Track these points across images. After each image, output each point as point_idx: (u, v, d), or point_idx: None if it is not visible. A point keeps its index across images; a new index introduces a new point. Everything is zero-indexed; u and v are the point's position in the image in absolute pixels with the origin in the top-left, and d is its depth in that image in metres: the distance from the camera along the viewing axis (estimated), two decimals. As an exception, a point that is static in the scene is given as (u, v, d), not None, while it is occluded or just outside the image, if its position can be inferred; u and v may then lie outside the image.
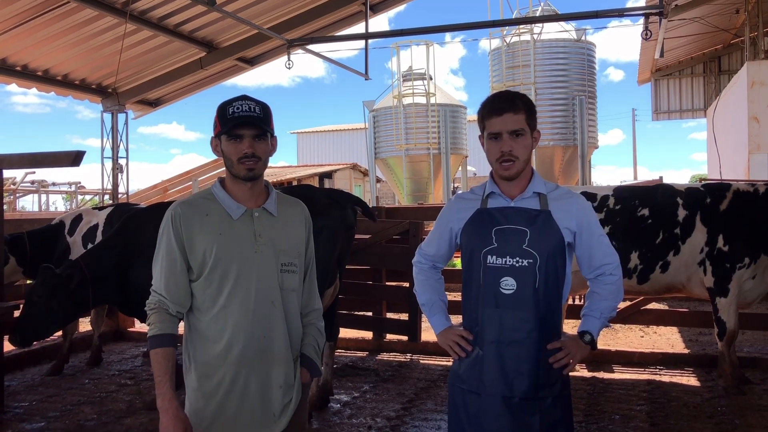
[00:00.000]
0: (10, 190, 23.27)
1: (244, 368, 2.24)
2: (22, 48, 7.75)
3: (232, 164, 2.26)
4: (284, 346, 2.32)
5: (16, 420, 5.03)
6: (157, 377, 2.19)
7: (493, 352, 2.36)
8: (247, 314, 2.24)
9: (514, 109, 2.35)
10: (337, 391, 5.59)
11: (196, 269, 2.26)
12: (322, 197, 4.82)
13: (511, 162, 2.36)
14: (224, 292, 2.24)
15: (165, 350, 2.21)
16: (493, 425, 2.35)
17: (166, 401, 2.16)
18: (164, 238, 2.27)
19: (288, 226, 2.38)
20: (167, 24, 8.02)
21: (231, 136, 2.23)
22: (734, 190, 5.35)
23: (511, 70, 18.65)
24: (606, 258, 2.45)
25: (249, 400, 2.25)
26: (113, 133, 9.28)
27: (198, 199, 2.32)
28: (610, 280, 2.46)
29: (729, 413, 4.81)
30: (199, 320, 2.28)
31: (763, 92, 12.07)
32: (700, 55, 21.51)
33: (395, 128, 20.50)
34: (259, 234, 2.29)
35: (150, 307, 2.27)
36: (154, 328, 2.23)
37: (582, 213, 2.43)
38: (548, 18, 14.37)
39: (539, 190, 2.42)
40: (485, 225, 2.41)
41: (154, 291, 2.28)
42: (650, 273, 5.37)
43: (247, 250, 2.27)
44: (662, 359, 6.29)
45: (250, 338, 2.24)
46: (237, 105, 2.23)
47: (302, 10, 8.87)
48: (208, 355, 2.25)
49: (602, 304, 2.45)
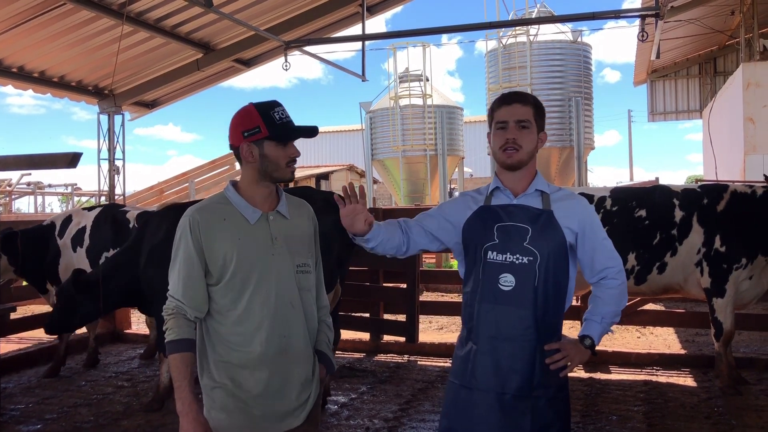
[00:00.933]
0: (5, 192, 23.22)
1: (266, 368, 2.28)
2: (19, 49, 7.72)
3: (277, 168, 2.32)
4: (304, 344, 2.38)
5: (13, 422, 5.01)
6: (177, 381, 2.21)
7: (487, 348, 2.36)
8: (269, 316, 2.29)
9: (522, 101, 2.41)
10: (335, 392, 5.59)
11: (216, 274, 2.28)
12: (318, 200, 4.81)
13: (515, 150, 2.38)
14: (245, 295, 2.28)
15: (183, 355, 2.24)
16: (482, 421, 2.35)
17: (186, 405, 2.19)
18: (182, 244, 2.29)
19: (299, 226, 2.44)
20: (164, 25, 8.00)
21: (282, 141, 2.31)
22: (731, 191, 5.36)
23: (507, 71, 18.66)
24: (609, 261, 2.44)
25: (270, 397, 2.30)
26: (110, 134, 9.25)
27: (214, 205, 2.35)
28: (613, 284, 2.43)
29: (726, 413, 4.83)
30: (219, 323, 2.31)
31: (759, 93, 12.11)
32: (695, 57, 21.58)
33: (392, 129, 20.49)
34: (276, 237, 2.34)
35: (168, 313, 2.28)
36: (173, 333, 2.25)
37: (584, 214, 2.43)
38: (545, 20, 14.39)
39: (542, 188, 2.44)
40: (488, 221, 2.42)
41: (172, 296, 2.30)
42: (647, 274, 5.39)
43: (266, 253, 2.31)
44: (659, 360, 6.30)
45: (272, 339, 2.29)
46: (281, 111, 2.33)
47: (299, 11, 8.87)
48: (229, 356, 2.29)
49: (604, 309, 2.43)
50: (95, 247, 6.14)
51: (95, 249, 6.14)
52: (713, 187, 5.56)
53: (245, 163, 2.34)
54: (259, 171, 2.33)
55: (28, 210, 26.27)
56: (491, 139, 2.46)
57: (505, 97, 2.43)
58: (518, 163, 2.40)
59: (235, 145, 2.34)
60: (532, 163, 2.45)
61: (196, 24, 8.20)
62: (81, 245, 6.20)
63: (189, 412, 2.18)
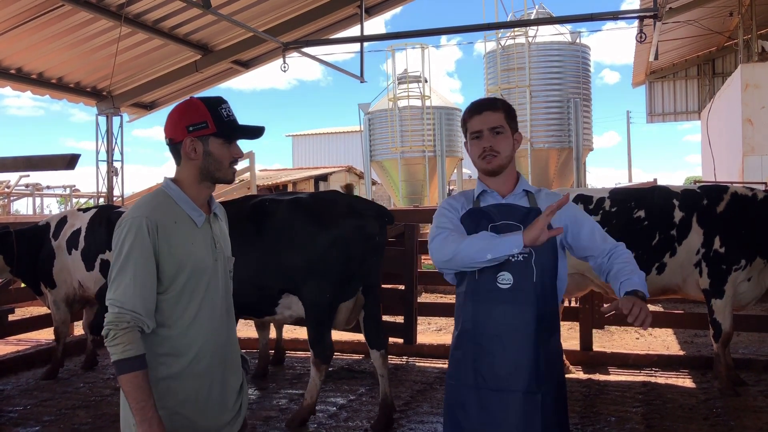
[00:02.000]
0: (4, 194, 23.20)
1: (208, 378, 2.19)
2: (17, 51, 7.72)
3: (220, 167, 2.19)
4: (236, 351, 2.34)
5: (11, 424, 5.00)
6: (141, 402, 2.00)
7: (492, 347, 2.37)
8: (213, 325, 2.20)
9: (492, 108, 2.45)
10: (333, 394, 5.58)
11: (167, 282, 2.11)
12: (342, 205, 4.67)
13: (494, 156, 2.43)
14: (194, 304, 2.15)
15: (145, 372, 2.02)
16: (498, 421, 2.34)
17: (155, 426, 2.00)
18: (136, 248, 2.05)
19: (224, 229, 2.36)
20: (162, 27, 8.01)
21: (229, 140, 2.19)
22: (732, 192, 5.36)
23: (506, 72, 18.70)
24: (608, 241, 2.47)
25: (210, 408, 2.21)
26: (108, 136, 9.26)
27: (162, 205, 2.15)
28: (624, 253, 2.42)
29: (724, 415, 4.82)
30: (165, 335, 2.13)
31: (757, 94, 12.13)
32: (694, 58, 21.60)
33: (390, 131, 20.51)
34: (217, 242, 2.25)
35: (121, 326, 2.01)
36: (131, 349, 2.00)
37: (568, 207, 2.45)
38: (543, 21, 14.40)
39: (528, 188, 2.52)
40: (481, 221, 2.44)
41: (122, 307, 2.03)
42: (647, 274, 5.38)
43: (210, 258, 2.21)
44: (658, 361, 6.29)
45: (215, 349, 2.20)
46: (227, 108, 2.20)
47: (298, 12, 8.89)
48: (171, 369, 2.13)
49: (630, 266, 2.37)
50: (90, 249, 6.07)
51: (90, 251, 6.07)
52: (713, 188, 5.56)
53: (186, 160, 2.17)
54: (200, 169, 2.18)
55: (27, 211, 26.26)
56: (469, 148, 2.51)
57: (475, 106, 2.47)
58: (498, 167, 2.45)
59: (176, 139, 2.17)
60: (512, 165, 2.51)
61: (195, 25, 8.21)
62: (76, 248, 6.11)
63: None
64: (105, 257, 6.00)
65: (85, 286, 6.13)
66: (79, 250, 6.09)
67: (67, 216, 6.43)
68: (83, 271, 6.06)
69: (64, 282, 6.18)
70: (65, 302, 6.25)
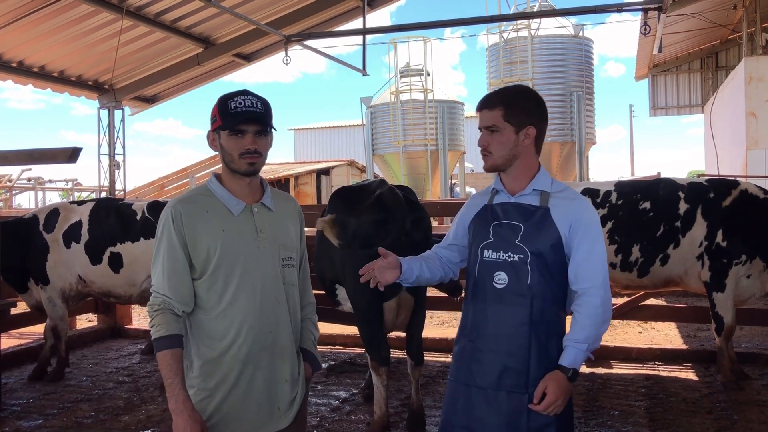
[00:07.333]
0: (6, 187, 23.22)
1: (251, 364, 2.25)
2: (18, 44, 7.70)
3: (232, 159, 2.25)
4: (289, 341, 2.34)
5: (14, 417, 5.01)
6: (168, 379, 2.15)
7: (483, 345, 2.38)
8: (254, 310, 2.25)
9: (489, 106, 2.43)
10: (336, 387, 5.59)
11: (200, 267, 2.23)
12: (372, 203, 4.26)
13: (486, 155, 2.44)
14: (230, 289, 2.24)
15: (174, 351, 2.17)
16: (480, 418, 2.35)
17: (180, 403, 2.12)
18: (165, 237, 2.23)
19: (284, 220, 2.39)
20: (164, 20, 7.97)
21: (234, 131, 2.22)
22: (742, 189, 5.34)
23: (508, 66, 18.62)
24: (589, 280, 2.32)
25: (255, 395, 2.26)
26: (110, 129, 9.23)
27: (196, 196, 2.29)
28: (593, 303, 2.30)
29: (727, 408, 4.82)
30: (203, 319, 2.25)
31: (761, 88, 12.07)
32: (697, 51, 21.49)
33: (393, 124, 20.45)
34: (261, 229, 2.30)
35: (154, 309, 2.21)
36: (161, 329, 2.18)
37: (579, 218, 2.35)
38: (546, 13, 14.33)
39: (542, 187, 2.41)
40: (486, 220, 2.46)
41: (156, 292, 2.23)
42: (650, 266, 5.38)
43: (250, 245, 2.27)
44: (661, 355, 6.29)
45: (257, 334, 2.25)
46: (239, 100, 2.22)
47: (300, 5, 8.83)
48: (214, 352, 2.24)
49: (583, 334, 2.30)
50: (97, 242, 5.93)
51: (97, 244, 5.93)
52: (722, 182, 5.55)
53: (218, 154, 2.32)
54: (223, 161, 2.29)
55: (29, 205, 26.27)
56: None
57: (479, 104, 2.47)
58: (492, 167, 2.44)
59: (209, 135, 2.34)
60: (525, 161, 2.42)
61: (196, 18, 8.18)
62: (77, 241, 5.96)
63: (183, 410, 2.12)
64: (115, 250, 5.91)
65: (87, 281, 6.03)
66: (81, 243, 5.96)
67: (58, 208, 6.20)
68: (86, 264, 5.95)
69: (59, 277, 6.00)
70: (61, 298, 6.04)
